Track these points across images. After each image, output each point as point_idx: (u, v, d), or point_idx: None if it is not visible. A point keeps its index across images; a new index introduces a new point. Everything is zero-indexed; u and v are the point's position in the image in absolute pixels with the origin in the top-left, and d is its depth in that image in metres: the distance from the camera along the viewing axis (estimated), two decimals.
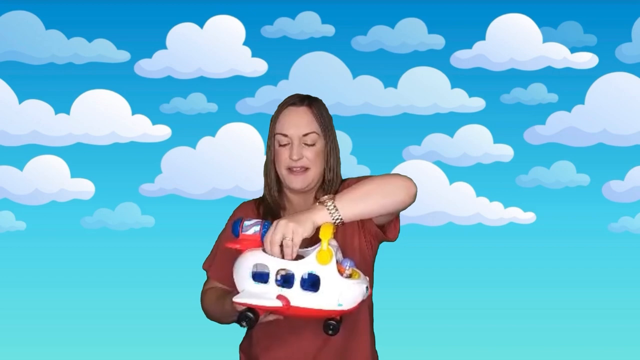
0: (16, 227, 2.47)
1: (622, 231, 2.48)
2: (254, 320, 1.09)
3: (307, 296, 1.06)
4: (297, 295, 1.06)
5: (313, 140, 1.32)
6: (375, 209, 1.16)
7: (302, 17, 2.54)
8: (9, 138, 2.48)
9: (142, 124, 2.50)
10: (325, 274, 1.05)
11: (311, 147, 1.32)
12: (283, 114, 1.34)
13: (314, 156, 1.31)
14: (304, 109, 1.33)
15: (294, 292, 1.06)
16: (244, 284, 1.10)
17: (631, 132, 2.50)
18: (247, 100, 2.52)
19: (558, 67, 2.52)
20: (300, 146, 1.31)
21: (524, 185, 2.51)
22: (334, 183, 1.37)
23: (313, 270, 1.06)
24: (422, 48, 2.54)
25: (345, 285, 1.06)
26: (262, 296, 1.08)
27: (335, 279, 1.05)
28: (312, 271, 1.06)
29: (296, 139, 1.31)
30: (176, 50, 2.53)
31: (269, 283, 1.08)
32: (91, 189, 2.50)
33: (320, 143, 1.34)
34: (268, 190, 1.39)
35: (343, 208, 1.10)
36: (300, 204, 1.36)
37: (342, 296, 1.06)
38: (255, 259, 1.09)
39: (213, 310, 1.37)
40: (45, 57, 2.50)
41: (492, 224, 2.50)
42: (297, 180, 1.32)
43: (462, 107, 2.52)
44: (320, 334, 1.12)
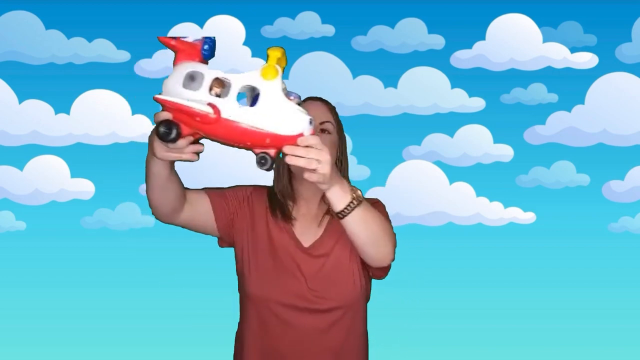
0: (16, 227, 2.47)
1: (622, 231, 2.48)
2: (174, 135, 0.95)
3: (242, 110, 0.93)
4: (231, 108, 0.93)
5: (329, 128, 1.34)
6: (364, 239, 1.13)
7: (302, 17, 2.54)
8: (9, 138, 2.48)
9: (142, 124, 2.50)
10: (267, 89, 0.93)
11: (327, 135, 1.33)
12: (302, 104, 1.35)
13: (329, 145, 1.32)
14: (321, 102, 1.38)
15: (227, 102, 0.94)
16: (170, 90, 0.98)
17: (631, 132, 2.50)
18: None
19: (558, 67, 2.52)
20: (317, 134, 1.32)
21: (524, 185, 2.51)
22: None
23: (254, 83, 0.94)
24: (422, 48, 2.54)
25: (289, 108, 0.93)
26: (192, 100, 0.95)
27: (279, 98, 0.92)
28: (252, 84, 0.94)
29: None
30: None
31: (201, 90, 0.95)
32: (91, 189, 2.50)
33: (334, 135, 1.35)
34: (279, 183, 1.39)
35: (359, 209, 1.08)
36: (310, 196, 1.36)
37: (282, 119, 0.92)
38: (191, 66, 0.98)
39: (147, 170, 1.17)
40: (45, 57, 2.50)
41: (492, 224, 2.50)
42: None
43: (462, 107, 2.52)
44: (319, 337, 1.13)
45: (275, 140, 0.93)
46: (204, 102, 0.94)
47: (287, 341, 1.31)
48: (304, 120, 0.94)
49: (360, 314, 1.37)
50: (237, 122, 0.93)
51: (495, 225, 2.50)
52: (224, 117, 0.93)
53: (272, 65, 0.93)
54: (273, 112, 0.92)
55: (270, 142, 0.94)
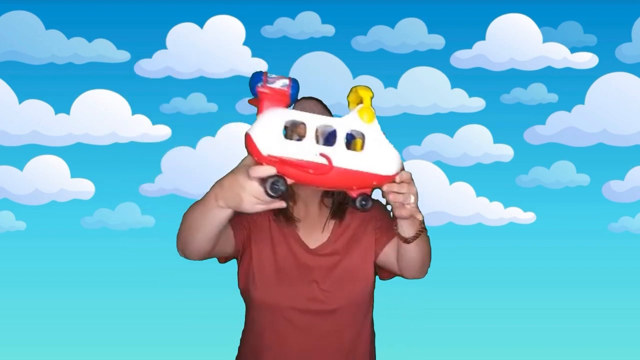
0: (16, 227, 2.47)
1: (622, 231, 2.48)
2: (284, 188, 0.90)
3: (351, 156, 0.92)
4: (341, 155, 0.91)
5: None
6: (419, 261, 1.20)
7: (302, 17, 2.54)
8: (9, 138, 2.48)
9: (142, 124, 2.50)
10: (371, 132, 0.93)
11: None
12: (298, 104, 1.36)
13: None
14: (316, 102, 1.37)
15: (337, 150, 0.91)
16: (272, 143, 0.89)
17: (631, 132, 2.50)
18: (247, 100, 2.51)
19: (558, 67, 2.52)
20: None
21: (524, 185, 2.51)
22: None
23: (358, 128, 0.94)
24: (422, 48, 2.54)
25: (389, 147, 0.95)
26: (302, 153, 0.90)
27: (382, 140, 0.94)
28: (356, 129, 0.94)
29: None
30: (176, 50, 2.53)
31: (307, 140, 0.91)
32: (91, 189, 2.50)
33: None
34: None
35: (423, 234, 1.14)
36: (308, 197, 1.36)
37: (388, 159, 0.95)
38: (289, 114, 0.92)
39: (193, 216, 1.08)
40: (45, 57, 2.50)
41: (492, 224, 2.50)
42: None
43: (462, 107, 2.52)
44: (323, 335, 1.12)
45: (380, 180, 0.96)
46: (315, 153, 0.91)
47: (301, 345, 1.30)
48: (399, 157, 0.97)
49: (370, 314, 1.38)
50: (348, 169, 0.93)
51: (495, 225, 2.50)
52: (336, 166, 0.92)
53: (369, 107, 0.94)
54: (379, 154, 0.94)
55: (376, 183, 0.96)
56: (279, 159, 0.89)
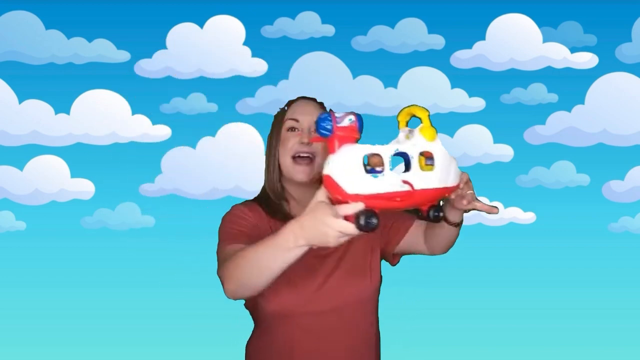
0: (16, 227, 2.47)
1: (622, 231, 2.48)
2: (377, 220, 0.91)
3: (428, 176, 0.99)
4: (420, 178, 0.97)
5: None
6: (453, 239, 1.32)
7: (302, 17, 2.54)
8: (9, 138, 2.48)
9: (142, 124, 2.50)
10: (437, 149, 1.01)
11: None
12: (294, 104, 1.37)
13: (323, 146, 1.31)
14: (314, 103, 1.37)
15: (415, 174, 0.97)
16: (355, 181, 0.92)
17: (631, 132, 2.50)
18: (247, 100, 2.52)
19: (558, 67, 2.52)
20: (310, 133, 1.31)
21: (524, 185, 2.51)
22: None
23: (426, 148, 1.00)
24: (422, 48, 2.54)
25: (452, 159, 1.05)
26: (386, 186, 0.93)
27: (446, 154, 1.03)
28: (426, 149, 1.00)
29: (306, 126, 1.32)
30: (176, 50, 2.53)
31: (387, 171, 0.94)
32: (91, 189, 2.50)
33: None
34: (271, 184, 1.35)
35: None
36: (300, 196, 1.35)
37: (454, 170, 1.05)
38: (364, 149, 0.95)
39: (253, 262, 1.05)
40: (45, 57, 2.50)
41: (492, 224, 2.49)
42: (303, 171, 1.30)
43: (462, 107, 2.52)
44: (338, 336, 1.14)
45: (451, 190, 1.05)
46: (398, 182, 0.95)
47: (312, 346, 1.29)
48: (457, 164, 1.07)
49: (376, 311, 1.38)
50: (428, 189, 0.99)
51: (495, 225, 2.50)
52: (418, 189, 0.97)
53: (430, 126, 1.02)
54: (447, 168, 1.02)
55: (448, 194, 1.06)
56: (366, 196, 0.92)
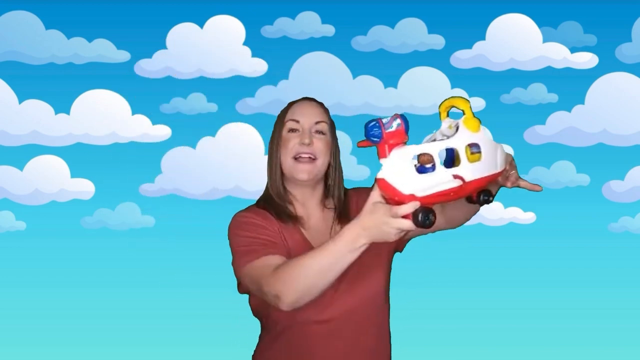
0: (16, 227, 2.47)
1: (622, 231, 2.48)
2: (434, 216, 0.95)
3: (476, 167, 1.02)
4: (468, 169, 1.01)
5: (324, 129, 1.33)
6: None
7: (302, 17, 2.54)
8: (9, 138, 2.48)
9: (142, 124, 2.50)
10: (481, 139, 1.04)
11: (322, 136, 1.33)
12: (295, 105, 1.37)
13: (323, 145, 1.31)
14: (315, 103, 1.37)
15: (464, 166, 1.00)
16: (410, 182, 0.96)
17: (631, 132, 2.50)
18: (247, 100, 2.52)
19: (558, 67, 2.52)
20: (311, 134, 1.31)
21: None
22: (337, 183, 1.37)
23: (472, 139, 1.02)
24: (422, 48, 2.54)
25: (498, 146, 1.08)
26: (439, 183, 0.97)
27: (492, 143, 1.06)
28: (471, 141, 1.02)
29: (307, 127, 1.32)
30: (176, 50, 2.53)
31: (438, 168, 0.98)
32: (91, 189, 2.50)
33: (328, 136, 1.35)
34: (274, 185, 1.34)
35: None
36: (306, 198, 1.35)
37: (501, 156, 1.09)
38: (413, 150, 1.00)
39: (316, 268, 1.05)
40: (45, 57, 2.50)
41: (492, 224, 2.50)
42: (304, 169, 1.29)
43: None
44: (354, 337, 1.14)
45: (500, 174, 1.10)
46: (449, 177, 0.98)
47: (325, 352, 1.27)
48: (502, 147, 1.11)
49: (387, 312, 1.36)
50: (477, 179, 1.02)
51: (495, 225, 2.50)
52: (468, 180, 1.01)
53: (473, 116, 1.04)
54: (493, 156, 1.06)
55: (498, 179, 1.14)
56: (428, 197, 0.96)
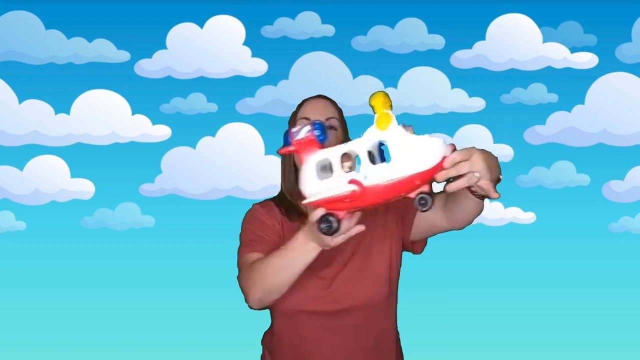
0: (16, 227, 2.47)
1: (622, 231, 2.48)
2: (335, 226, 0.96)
3: (380, 170, 0.92)
4: (370, 173, 0.92)
5: (335, 124, 1.34)
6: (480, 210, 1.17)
7: (302, 17, 2.54)
8: (9, 138, 2.48)
9: (142, 124, 2.50)
10: (390, 138, 0.93)
11: (333, 131, 1.33)
12: (305, 104, 1.37)
13: (335, 141, 1.31)
14: (325, 99, 1.38)
15: (365, 170, 0.93)
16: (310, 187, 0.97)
17: (631, 132, 2.50)
18: (247, 100, 2.52)
19: (558, 67, 2.52)
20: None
21: (524, 185, 2.51)
22: None
23: (376, 139, 0.94)
24: (422, 48, 2.54)
25: (418, 142, 0.93)
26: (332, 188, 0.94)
27: (404, 139, 0.93)
28: (376, 141, 0.94)
29: None
30: (176, 50, 2.53)
31: (335, 173, 0.95)
32: (91, 189, 2.50)
33: (340, 131, 1.35)
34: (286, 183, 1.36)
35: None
36: None
37: (419, 155, 0.92)
38: (315, 157, 0.97)
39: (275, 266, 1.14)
40: (45, 57, 2.50)
41: (492, 224, 2.50)
42: None
43: (462, 107, 2.52)
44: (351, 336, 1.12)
45: (423, 177, 0.92)
46: (345, 182, 0.94)
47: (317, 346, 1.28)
48: (438, 144, 0.94)
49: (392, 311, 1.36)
50: (382, 184, 0.92)
51: (495, 225, 2.50)
52: (368, 186, 0.92)
53: (383, 114, 0.94)
54: (407, 155, 0.92)
55: (420, 182, 0.93)
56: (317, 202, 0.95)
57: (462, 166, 0.94)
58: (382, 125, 0.93)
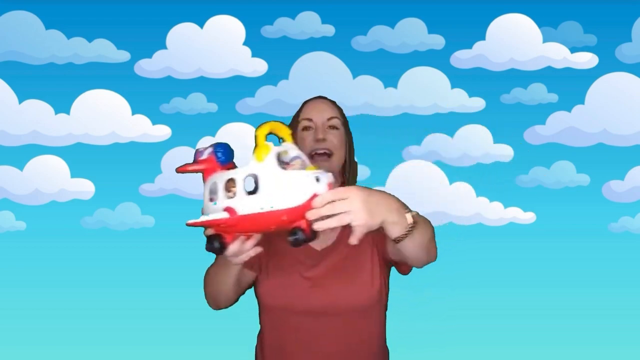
0: (16, 227, 2.47)
1: (622, 231, 2.48)
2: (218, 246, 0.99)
3: (251, 201, 0.92)
4: (242, 203, 0.93)
5: (337, 124, 1.35)
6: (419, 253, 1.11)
7: (302, 17, 2.54)
8: (9, 138, 2.48)
9: (142, 124, 2.50)
10: (262, 170, 0.92)
11: (336, 131, 1.35)
12: (307, 105, 1.39)
13: (338, 141, 1.33)
14: (326, 101, 1.39)
15: (238, 199, 0.94)
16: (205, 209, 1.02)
17: (631, 132, 2.50)
18: (247, 100, 2.52)
19: (558, 67, 2.52)
20: (325, 130, 1.33)
21: (524, 185, 2.51)
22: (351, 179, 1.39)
23: (251, 170, 0.94)
24: (422, 48, 2.54)
25: (288, 178, 0.92)
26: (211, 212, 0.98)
27: (275, 174, 0.92)
28: (250, 172, 0.94)
29: (320, 123, 1.34)
30: (176, 50, 2.53)
31: (220, 198, 0.97)
32: (91, 189, 2.50)
33: (342, 131, 1.36)
34: None
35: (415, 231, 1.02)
36: None
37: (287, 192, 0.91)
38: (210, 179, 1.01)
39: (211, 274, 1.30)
40: (45, 57, 2.50)
41: (492, 224, 2.50)
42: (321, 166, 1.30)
43: (462, 107, 2.52)
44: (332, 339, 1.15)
45: (291, 214, 0.91)
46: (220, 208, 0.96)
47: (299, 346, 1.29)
48: (309, 182, 0.92)
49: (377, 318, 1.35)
50: (252, 214, 0.92)
51: (495, 225, 2.50)
52: (241, 215, 0.93)
53: (261, 145, 0.94)
54: (275, 190, 0.91)
55: (287, 218, 0.92)
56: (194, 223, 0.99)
57: (336, 206, 0.91)
58: (259, 156, 0.94)
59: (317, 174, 0.93)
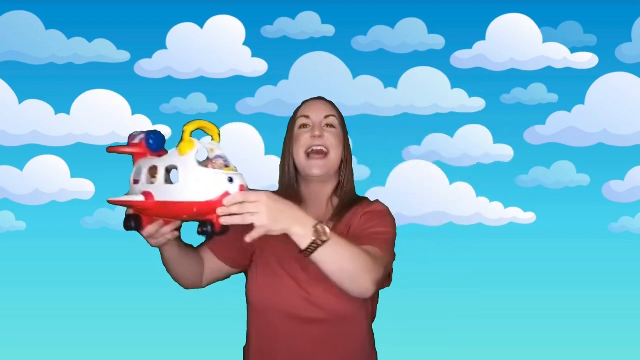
0: (16, 227, 2.47)
1: (622, 231, 2.48)
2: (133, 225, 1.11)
3: (168, 189, 1.02)
4: (160, 190, 1.03)
5: (334, 122, 1.36)
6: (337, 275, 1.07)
7: (302, 17, 2.54)
8: (9, 138, 2.48)
9: (142, 124, 2.50)
10: (182, 163, 1.01)
11: (332, 129, 1.35)
12: (305, 103, 1.40)
13: (334, 139, 1.34)
14: (322, 100, 1.40)
15: (157, 186, 1.04)
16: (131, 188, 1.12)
17: (631, 132, 2.50)
18: (247, 100, 2.52)
19: (558, 67, 2.52)
20: (322, 128, 1.34)
21: (524, 185, 2.51)
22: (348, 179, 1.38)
23: (172, 162, 1.03)
24: (422, 48, 2.54)
25: (204, 174, 0.99)
26: (131, 194, 1.09)
27: (192, 168, 1.00)
28: (171, 163, 1.03)
29: (317, 121, 1.35)
30: (176, 50, 2.53)
31: (142, 181, 1.07)
32: (91, 189, 2.50)
33: (339, 130, 1.37)
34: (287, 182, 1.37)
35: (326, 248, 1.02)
36: (318, 195, 1.36)
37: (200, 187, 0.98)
38: (138, 163, 1.10)
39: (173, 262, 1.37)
40: (45, 57, 2.50)
41: (492, 224, 2.50)
42: (317, 165, 1.31)
43: (462, 107, 2.52)
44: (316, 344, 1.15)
45: (201, 207, 0.99)
46: (139, 192, 1.06)
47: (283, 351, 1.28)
48: (222, 181, 0.99)
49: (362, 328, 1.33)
50: (167, 201, 1.02)
51: (495, 225, 2.50)
52: (157, 200, 1.03)
53: (187, 140, 1.01)
54: (190, 183, 0.99)
55: (197, 211, 1.00)
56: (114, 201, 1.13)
57: (246, 207, 0.98)
58: (182, 150, 1.01)
59: (231, 175, 1.01)
